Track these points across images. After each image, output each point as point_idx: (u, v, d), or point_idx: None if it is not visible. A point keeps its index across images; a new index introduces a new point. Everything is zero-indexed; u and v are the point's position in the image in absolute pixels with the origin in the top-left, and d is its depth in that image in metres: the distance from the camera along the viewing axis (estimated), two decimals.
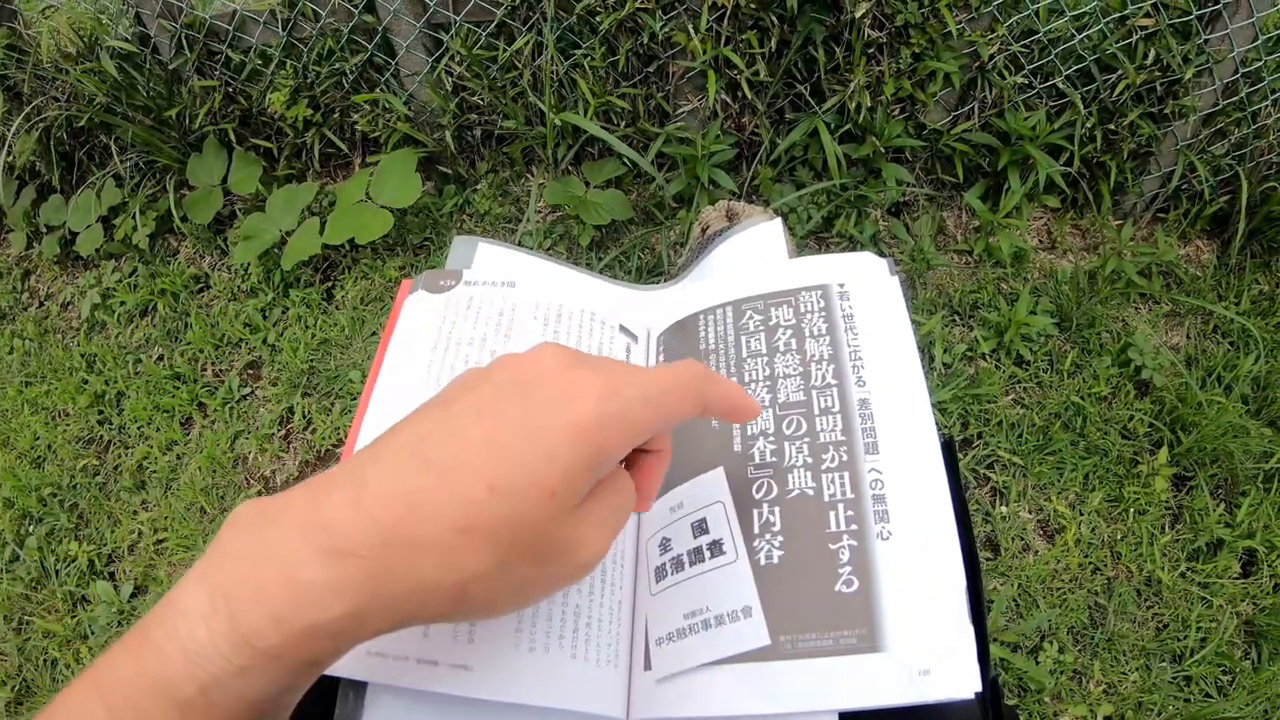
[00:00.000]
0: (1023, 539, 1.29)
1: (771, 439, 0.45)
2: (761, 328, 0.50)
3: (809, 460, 0.43)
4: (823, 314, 0.49)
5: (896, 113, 1.49)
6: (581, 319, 0.52)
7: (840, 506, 0.41)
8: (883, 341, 0.47)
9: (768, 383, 0.47)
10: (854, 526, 0.40)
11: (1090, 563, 1.27)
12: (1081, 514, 1.31)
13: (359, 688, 0.38)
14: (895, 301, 0.49)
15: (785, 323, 0.49)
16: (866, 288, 0.50)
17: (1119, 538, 1.29)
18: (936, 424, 0.46)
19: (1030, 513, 1.32)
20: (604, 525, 0.31)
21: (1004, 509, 1.31)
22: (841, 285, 0.50)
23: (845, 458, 0.42)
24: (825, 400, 0.45)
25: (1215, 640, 1.21)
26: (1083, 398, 1.39)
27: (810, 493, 0.42)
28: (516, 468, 0.28)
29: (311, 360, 1.56)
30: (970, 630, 0.36)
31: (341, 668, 0.36)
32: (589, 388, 0.29)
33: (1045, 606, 1.23)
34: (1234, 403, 1.38)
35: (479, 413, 0.29)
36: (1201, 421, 1.34)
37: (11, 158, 1.75)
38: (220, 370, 1.63)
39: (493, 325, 0.50)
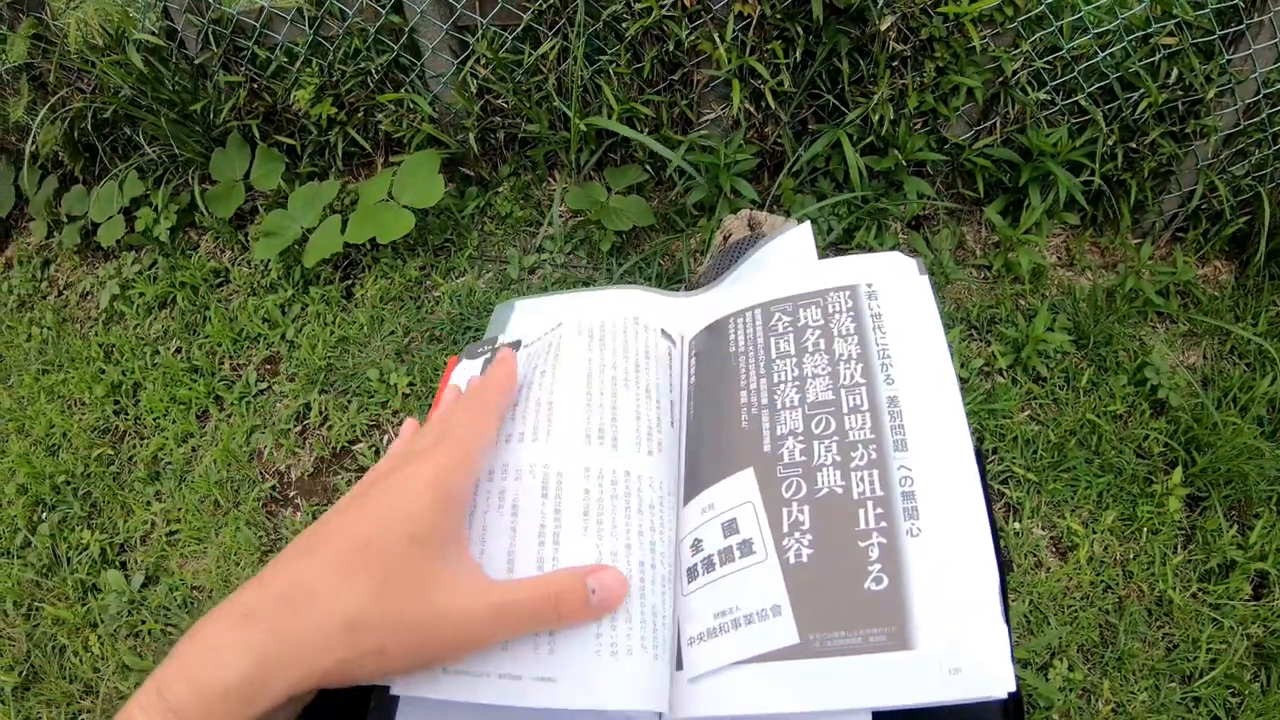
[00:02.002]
0: (1035, 555, 1.29)
1: (800, 438, 0.45)
2: (790, 329, 0.50)
3: (838, 459, 0.43)
4: (851, 314, 0.49)
5: (919, 126, 1.49)
6: (625, 325, 0.52)
7: (869, 504, 0.41)
8: (912, 339, 0.47)
9: (797, 383, 0.47)
10: (883, 524, 0.40)
11: (1102, 581, 1.27)
12: (1094, 532, 1.30)
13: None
14: (925, 300, 0.49)
15: (813, 323, 0.50)
16: (895, 287, 0.50)
17: (1131, 557, 1.28)
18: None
19: (1043, 529, 1.32)
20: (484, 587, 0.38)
21: (1017, 525, 1.31)
22: (870, 285, 0.50)
23: (874, 455, 0.42)
24: (854, 399, 0.45)
25: (1225, 662, 1.20)
26: (1098, 415, 1.38)
27: (839, 491, 0.42)
28: (382, 524, 0.36)
29: (329, 357, 1.57)
30: (1004, 628, 0.36)
31: (418, 686, 0.36)
32: (434, 454, 0.39)
33: (1056, 623, 1.23)
34: (1249, 424, 1.37)
35: (351, 498, 0.39)
36: (1216, 442, 1.34)
37: (36, 147, 1.77)
38: (238, 364, 1.64)
39: (541, 354, 0.50)
